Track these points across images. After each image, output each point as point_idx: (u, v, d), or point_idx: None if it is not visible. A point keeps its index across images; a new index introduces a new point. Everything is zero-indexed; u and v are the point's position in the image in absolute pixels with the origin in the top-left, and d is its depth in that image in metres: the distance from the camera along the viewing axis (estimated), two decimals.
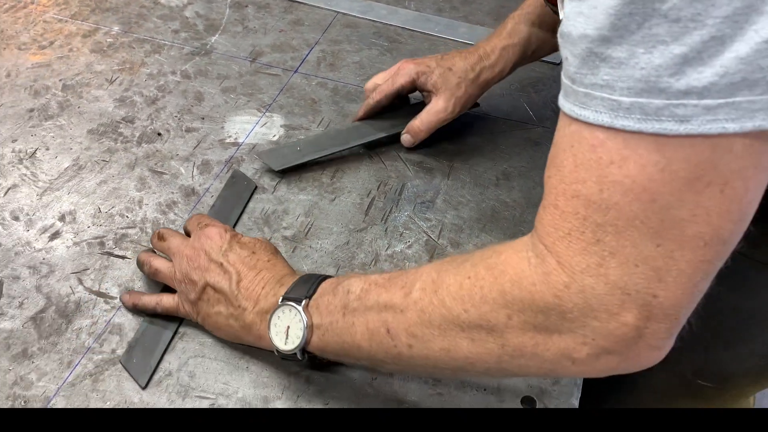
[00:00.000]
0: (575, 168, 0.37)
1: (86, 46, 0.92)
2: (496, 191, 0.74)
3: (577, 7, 0.36)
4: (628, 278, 0.37)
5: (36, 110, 0.81)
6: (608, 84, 0.35)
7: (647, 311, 0.37)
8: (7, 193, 0.71)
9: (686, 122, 0.33)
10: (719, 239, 0.36)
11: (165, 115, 0.81)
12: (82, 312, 0.61)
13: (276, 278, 0.55)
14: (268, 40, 0.94)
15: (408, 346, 0.46)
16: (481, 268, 0.43)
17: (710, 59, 0.32)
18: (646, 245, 0.36)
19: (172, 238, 0.61)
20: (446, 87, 0.74)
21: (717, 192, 0.35)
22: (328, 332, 0.50)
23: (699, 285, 0.38)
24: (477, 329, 0.42)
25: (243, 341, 0.57)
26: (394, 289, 0.47)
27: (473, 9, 1.02)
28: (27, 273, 0.64)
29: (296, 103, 0.84)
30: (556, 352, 0.41)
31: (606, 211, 0.36)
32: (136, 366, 0.57)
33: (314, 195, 0.73)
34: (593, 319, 0.38)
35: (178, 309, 0.59)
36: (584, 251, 0.38)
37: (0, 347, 0.58)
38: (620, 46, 0.34)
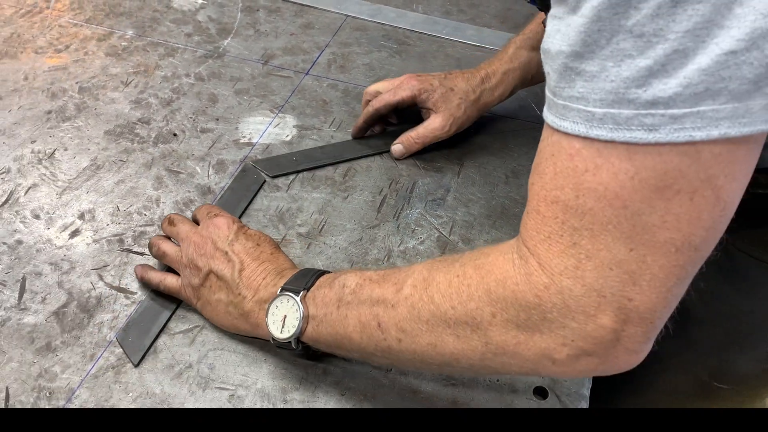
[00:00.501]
0: (555, 175, 0.40)
1: (101, 49, 0.93)
2: (505, 188, 0.76)
3: (556, 26, 0.39)
4: (604, 281, 0.39)
5: (54, 112, 0.83)
6: (583, 96, 0.37)
7: (623, 314, 0.39)
8: (27, 192, 0.73)
9: (654, 131, 0.35)
10: (690, 245, 0.38)
11: (180, 117, 0.83)
12: (103, 307, 0.62)
13: (277, 270, 0.57)
14: (279, 43, 0.96)
15: (397, 340, 0.48)
16: (470, 267, 0.45)
17: (674, 71, 0.34)
18: (619, 249, 0.38)
19: (182, 225, 0.63)
20: (446, 107, 0.76)
21: (686, 199, 0.36)
22: (323, 323, 0.52)
23: (673, 290, 0.39)
24: (462, 326, 0.44)
25: (239, 330, 0.58)
26: (386, 285, 0.49)
27: (480, 12, 1.04)
28: (48, 269, 0.65)
29: (308, 104, 0.86)
30: (537, 352, 0.42)
31: (582, 215, 0.39)
32: (131, 344, 0.59)
33: (327, 193, 0.75)
34: (571, 320, 0.40)
35: (180, 291, 0.61)
36: (562, 254, 0.40)
37: (24, 341, 0.59)
38: (592, 60, 0.36)
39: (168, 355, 0.59)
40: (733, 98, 0.34)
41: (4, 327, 0.60)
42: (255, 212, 0.72)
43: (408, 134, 0.78)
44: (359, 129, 0.81)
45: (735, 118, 0.34)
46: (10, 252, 0.67)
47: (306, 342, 0.54)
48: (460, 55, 0.95)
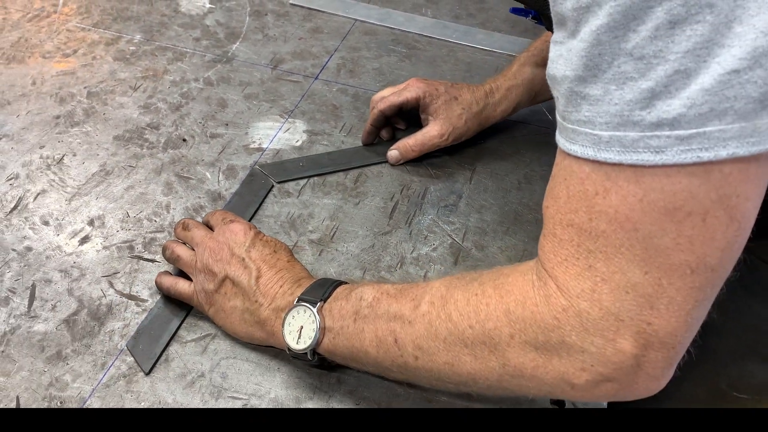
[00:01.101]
0: (568, 199, 0.40)
1: (109, 54, 0.93)
2: (518, 194, 0.75)
3: (558, 51, 0.39)
4: (620, 304, 0.38)
5: (62, 117, 0.83)
6: (589, 120, 0.37)
7: (643, 339, 0.39)
8: (36, 198, 0.72)
9: (661, 153, 0.35)
10: (706, 267, 0.37)
11: (189, 122, 0.82)
12: (113, 314, 0.62)
13: (294, 278, 0.57)
14: (288, 48, 0.95)
15: (414, 357, 0.47)
16: (489, 287, 0.45)
17: (677, 92, 0.34)
18: (633, 272, 0.38)
19: (197, 230, 0.62)
20: (447, 115, 0.75)
21: (699, 221, 0.36)
22: (339, 336, 0.52)
23: (693, 313, 0.39)
24: (480, 346, 0.44)
25: (254, 338, 0.58)
26: (404, 300, 0.49)
27: (490, 16, 1.04)
28: (58, 276, 0.65)
29: (318, 109, 0.86)
30: (556, 376, 0.42)
31: (596, 238, 0.39)
32: (141, 352, 0.59)
33: (338, 199, 0.74)
34: (590, 344, 0.40)
35: (192, 297, 0.60)
36: (579, 276, 0.40)
37: (35, 349, 0.59)
38: (595, 84, 0.37)
39: (180, 363, 0.58)
40: (740, 117, 0.34)
41: (14, 335, 0.60)
42: (266, 218, 0.72)
43: (405, 141, 0.77)
44: (368, 134, 0.80)
45: (743, 138, 0.34)
46: (19, 259, 0.66)
47: (322, 354, 0.54)
48: (470, 59, 0.95)
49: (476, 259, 0.68)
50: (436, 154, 0.79)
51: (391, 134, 0.82)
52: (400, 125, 0.83)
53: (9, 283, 0.64)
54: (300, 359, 0.55)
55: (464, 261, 0.68)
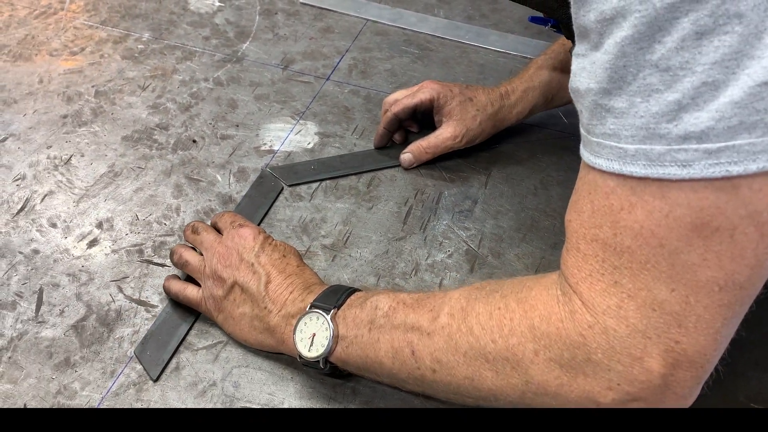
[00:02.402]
0: (593, 213, 0.39)
1: (117, 52, 0.92)
2: (534, 200, 0.74)
3: (581, 64, 0.38)
4: (647, 321, 0.37)
5: (69, 116, 0.81)
6: (615, 133, 0.36)
7: (672, 358, 0.38)
8: (43, 199, 0.71)
9: (688, 167, 0.34)
10: (735, 284, 0.36)
11: (199, 122, 0.81)
12: (123, 320, 0.60)
13: (304, 284, 0.56)
14: (299, 48, 0.94)
15: (432, 370, 0.46)
16: (512, 300, 0.44)
17: (705, 104, 0.33)
18: (660, 289, 0.37)
19: (206, 233, 0.61)
20: (462, 116, 0.74)
21: (727, 237, 0.35)
22: (353, 345, 0.50)
23: (722, 331, 0.38)
24: (502, 362, 0.43)
25: (263, 345, 0.56)
26: (421, 311, 0.48)
27: (503, 17, 1.02)
28: (66, 281, 0.63)
29: (329, 111, 0.84)
30: (581, 394, 0.40)
31: (621, 254, 0.38)
32: (149, 358, 0.57)
33: (351, 203, 0.73)
34: (617, 363, 0.39)
35: (200, 304, 0.59)
36: (605, 292, 0.39)
37: (42, 356, 0.57)
38: (620, 96, 0.36)
39: (191, 372, 0.57)
40: None
41: (22, 341, 0.58)
42: (278, 222, 0.70)
43: (418, 143, 0.75)
44: (381, 137, 0.79)
45: None
46: (26, 262, 0.65)
47: (334, 362, 0.52)
48: (483, 61, 0.93)
49: (493, 266, 0.67)
50: (449, 158, 0.77)
51: (404, 137, 0.80)
52: (413, 128, 0.81)
53: (16, 287, 0.63)
54: (311, 367, 0.54)
55: (480, 268, 0.66)
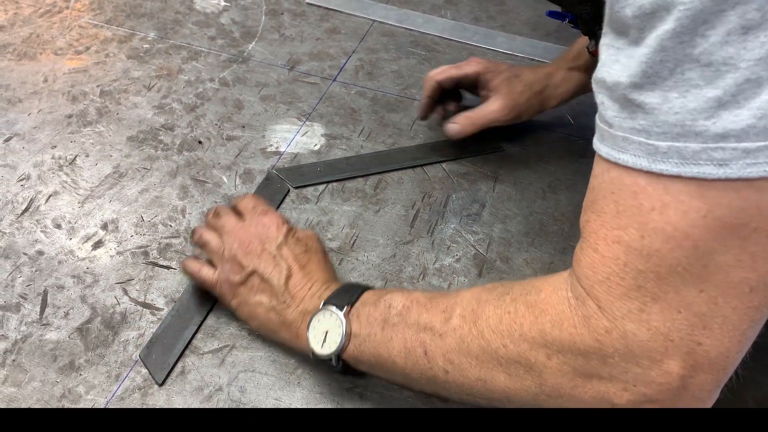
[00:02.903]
0: (617, 214, 0.37)
1: (122, 51, 0.91)
2: (543, 204, 0.73)
3: (615, 56, 0.37)
4: (671, 324, 0.36)
5: (74, 116, 0.81)
6: (645, 129, 0.35)
7: (692, 360, 0.37)
8: (48, 200, 0.70)
9: (725, 166, 0.33)
10: (766, 285, 0.35)
11: (205, 123, 0.80)
12: (128, 323, 0.60)
13: (323, 280, 0.55)
14: (305, 48, 0.93)
15: (444, 371, 0.45)
16: (521, 304, 0.43)
17: (746, 102, 0.32)
18: (689, 291, 0.36)
19: (227, 217, 0.60)
20: (508, 91, 0.73)
21: (764, 237, 0.34)
22: (365, 343, 0.50)
23: (747, 333, 0.37)
24: (515, 365, 0.42)
25: (276, 336, 0.56)
26: (434, 311, 0.47)
27: (510, 18, 1.01)
28: (71, 282, 0.63)
29: (336, 112, 0.83)
30: (595, 396, 0.40)
31: (647, 257, 0.36)
32: (154, 362, 0.57)
33: (358, 206, 0.72)
34: (635, 366, 0.38)
35: (215, 286, 0.58)
36: (625, 296, 0.37)
37: (47, 359, 0.57)
38: (653, 92, 0.34)
39: (197, 376, 0.56)
40: None
41: (26, 343, 0.58)
42: None
43: (465, 114, 0.74)
44: (424, 106, 0.78)
45: None
46: (31, 263, 0.64)
47: (347, 360, 0.51)
48: None
49: (501, 271, 0.66)
50: (457, 161, 0.77)
51: (446, 112, 0.79)
52: (452, 107, 0.80)
53: (20, 288, 0.62)
54: (324, 363, 0.53)
55: (489, 273, 0.66)
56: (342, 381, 0.56)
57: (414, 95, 0.86)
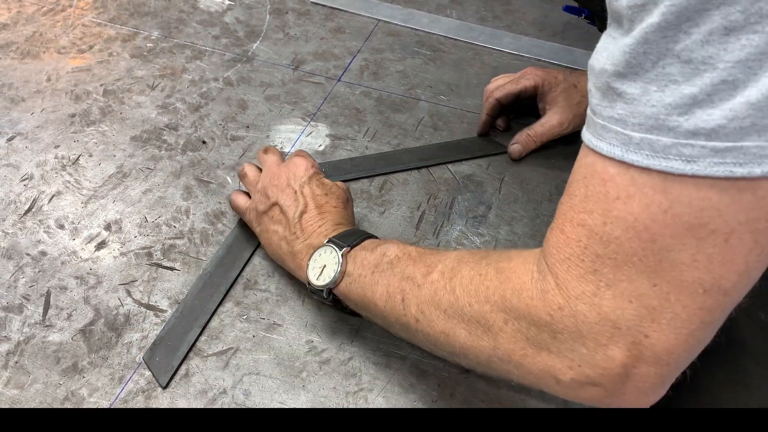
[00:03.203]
0: (585, 198, 0.38)
1: (126, 50, 0.90)
2: (549, 206, 0.72)
3: (606, 43, 0.38)
4: (621, 312, 0.37)
5: (78, 115, 0.80)
6: (622, 118, 0.36)
7: (637, 350, 0.37)
8: (51, 200, 0.70)
9: (693, 162, 0.33)
10: (720, 289, 0.36)
11: (209, 123, 0.80)
12: (131, 325, 0.59)
13: (334, 221, 0.59)
14: (309, 48, 0.93)
15: (415, 319, 0.48)
16: (492, 269, 0.45)
17: (720, 102, 0.32)
18: (642, 283, 0.36)
19: (272, 155, 0.65)
20: (567, 103, 0.74)
21: (721, 241, 0.34)
22: (355, 283, 0.53)
23: (696, 333, 0.37)
24: (476, 324, 0.44)
25: (284, 264, 0.61)
26: (420, 264, 0.50)
27: (516, 18, 1.01)
28: (74, 283, 0.62)
29: (341, 113, 0.83)
30: (542, 368, 0.41)
31: (607, 243, 0.37)
32: (158, 364, 0.57)
33: (363, 207, 0.71)
34: (581, 346, 0.39)
35: (245, 213, 0.65)
36: (581, 278, 0.38)
37: (50, 360, 0.56)
38: (634, 82, 0.35)
39: (201, 379, 0.56)
40: None
41: (29, 345, 0.57)
42: None
43: (525, 132, 0.76)
44: (483, 123, 0.79)
45: None
46: (33, 264, 0.64)
47: (337, 295, 0.55)
48: (497, 63, 0.92)
49: None
50: (462, 162, 0.76)
51: (507, 124, 0.80)
52: (504, 122, 0.81)
53: (23, 289, 0.61)
54: (316, 296, 0.57)
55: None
56: (347, 384, 0.56)
57: (419, 95, 0.86)
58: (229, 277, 0.63)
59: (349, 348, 0.58)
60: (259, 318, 0.60)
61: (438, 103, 0.85)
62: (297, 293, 0.62)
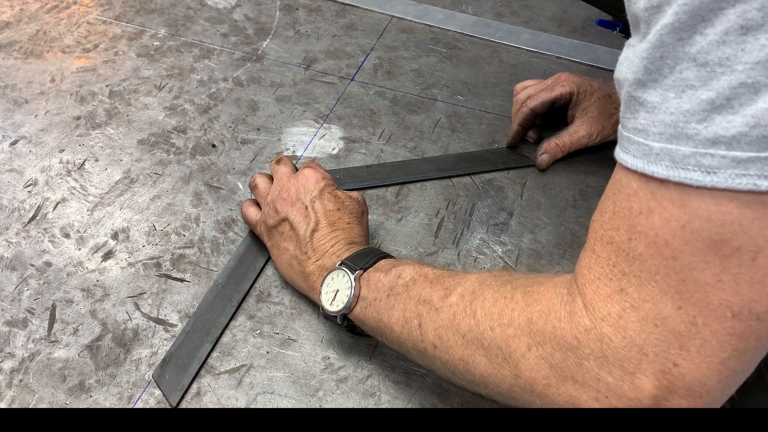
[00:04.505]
0: (613, 215, 0.37)
1: (132, 49, 0.88)
2: (574, 213, 0.69)
3: (626, 53, 0.36)
4: (646, 336, 0.35)
5: (83, 118, 0.77)
6: (644, 128, 0.34)
7: (666, 380, 0.35)
8: (56, 207, 0.67)
9: (712, 173, 0.31)
10: (751, 314, 0.33)
11: (219, 125, 0.77)
12: (140, 340, 0.57)
13: (347, 240, 0.57)
14: (321, 46, 0.90)
15: (433, 345, 0.46)
16: (519, 292, 0.42)
17: (741, 107, 0.30)
18: (666, 305, 0.34)
19: (284, 167, 0.63)
20: (599, 113, 0.71)
21: (747, 259, 0.32)
22: (370, 307, 0.51)
23: (729, 362, 0.34)
24: (496, 350, 0.42)
25: (296, 285, 0.59)
26: (437, 287, 0.48)
27: (534, 14, 0.97)
28: (80, 296, 0.60)
29: (354, 114, 0.80)
30: (567, 399, 0.38)
31: (632, 261, 0.35)
32: (168, 383, 0.54)
33: (379, 214, 0.69)
34: (608, 374, 0.36)
35: (256, 225, 0.63)
36: (608, 298, 0.36)
37: (56, 378, 0.54)
38: (654, 90, 0.33)
39: (213, 398, 0.53)
40: None
41: (34, 362, 0.55)
42: None
43: (553, 142, 0.73)
44: (515, 134, 0.75)
45: None
46: (38, 275, 0.61)
47: (352, 320, 0.53)
48: (515, 61, 0.89)
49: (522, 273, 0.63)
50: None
51: (538, 135, 0.77)
52: (538, 121, 0.77)
53: (27, 302, 0.59)
54: (330, 321, 0.55)
55: (510, 271, 0.62)
56: (365, 404, 0.53)
57: (435, 95, 0.83)
58: (241, 289, 0.61)
59: (367, 365, 0.56)
60: (272, 333, 0.58)
61: (455, 103, 0.82)
62: (311, 306, 0.60)
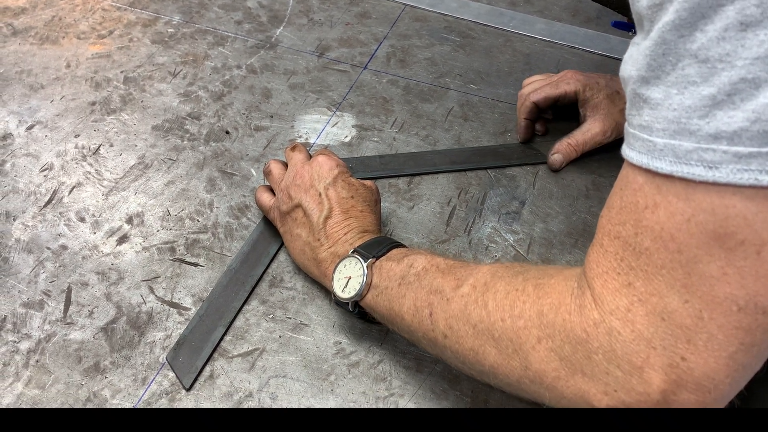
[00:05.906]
0: (620, 210, 0.37)
1: (147, 36, 0.88)
2: (586, 203, 0.69)
3: (631, 51, 0.37)
4: (654, 330, 0.35)
5: (98, 104, 0.78)
6: (648, 125, 0.35)
7: (675, 375, 0.35)
8: (71, 191, 0.68)
9: (714, 168, 0.32)
10: (757, 307, 0.33)
11: (232, 112, 0.78)
12: (154, 323, 0.57)
13: (360, 228, 0.57)
14: (334, 34, 0.90)
15: (443, 335, 0.46)
16: (530, 285, 0.43)
17: (741, 103, 0.31)
18: (672, 298, 0.35)
19: (299, 153, 0.63)
20: (610, 111, 0.70)
21: (752, 253, 0.32)
22: (382, 295, 0.51)
23: (736, 357, 0.34)
24: (507, 342, 0.42)
25: (308, 271, 0.59)
26: (449, 277, 0.48)
27: (549, 3, 0.97)
28: (95, 279, 0.61)
29: (367, 102, 0.80)
30: (576, 393, 0.39)
31: (639, 255, 0.36)
32: (181, 365, 0.55)
33: (391, 202, 0.69)
34: (616, 368, 0.37)
35: (269, 211, 0.63)
36: (616, 292, 0.37)
37: (71, 359, 0.55)
38: (657, 87, 0.34)
39: (226, 381, 0.54)
40: None
41: (50, 343, 0.56)
42: None
43: (566, 142, 0.71)
44: (525, 129, 0.74)
45: None
46: (54, 258, 0.62)
47: (364, 307, 0.54)
48: (529, 50, 0.89)
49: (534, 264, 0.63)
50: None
51: (545, 128, 0.77)
52: (548, 115, 0.77)
53: (44, 284, 0.60)
54: (342, 308, 0.56)
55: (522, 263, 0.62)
56: (377, 389, 0.54)
57: (448, 84, 0.83)
58: (254, 274, 0.61)
59: (378, 350, 0.56)
60: (285, 317, 0.58)
61: (468, 92, 0.82)
62: (323, 292, 0.60)
